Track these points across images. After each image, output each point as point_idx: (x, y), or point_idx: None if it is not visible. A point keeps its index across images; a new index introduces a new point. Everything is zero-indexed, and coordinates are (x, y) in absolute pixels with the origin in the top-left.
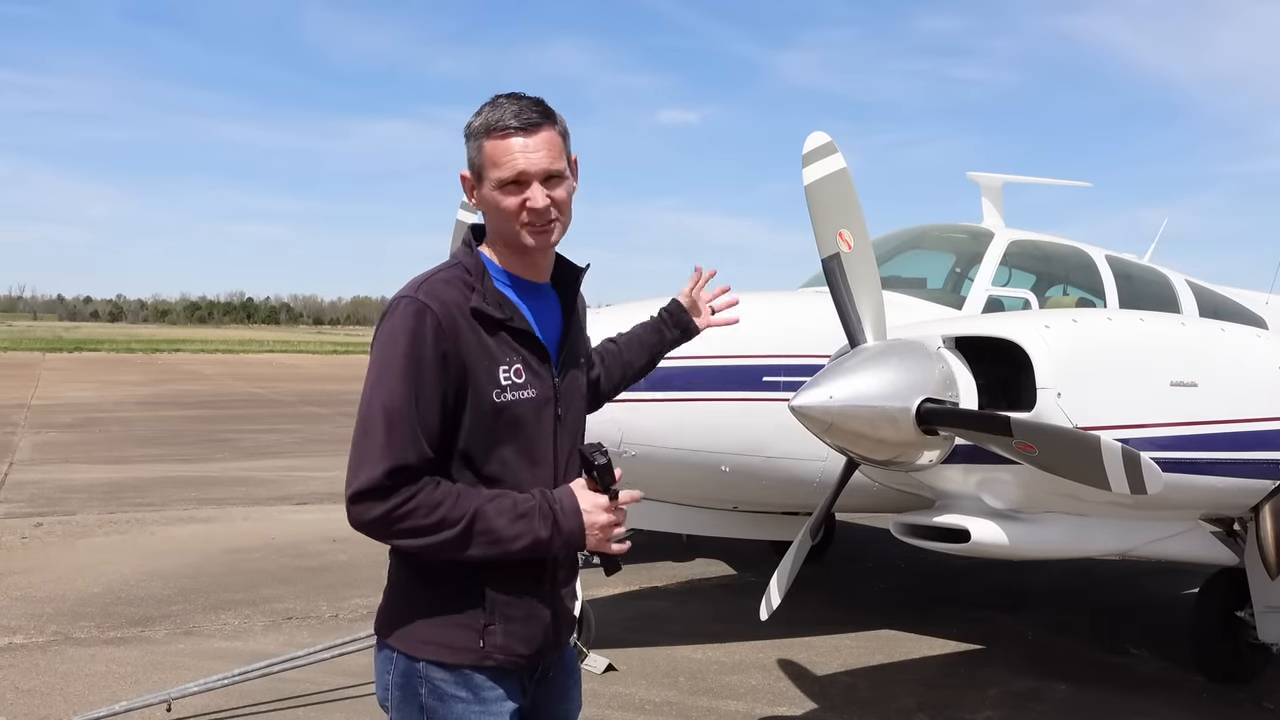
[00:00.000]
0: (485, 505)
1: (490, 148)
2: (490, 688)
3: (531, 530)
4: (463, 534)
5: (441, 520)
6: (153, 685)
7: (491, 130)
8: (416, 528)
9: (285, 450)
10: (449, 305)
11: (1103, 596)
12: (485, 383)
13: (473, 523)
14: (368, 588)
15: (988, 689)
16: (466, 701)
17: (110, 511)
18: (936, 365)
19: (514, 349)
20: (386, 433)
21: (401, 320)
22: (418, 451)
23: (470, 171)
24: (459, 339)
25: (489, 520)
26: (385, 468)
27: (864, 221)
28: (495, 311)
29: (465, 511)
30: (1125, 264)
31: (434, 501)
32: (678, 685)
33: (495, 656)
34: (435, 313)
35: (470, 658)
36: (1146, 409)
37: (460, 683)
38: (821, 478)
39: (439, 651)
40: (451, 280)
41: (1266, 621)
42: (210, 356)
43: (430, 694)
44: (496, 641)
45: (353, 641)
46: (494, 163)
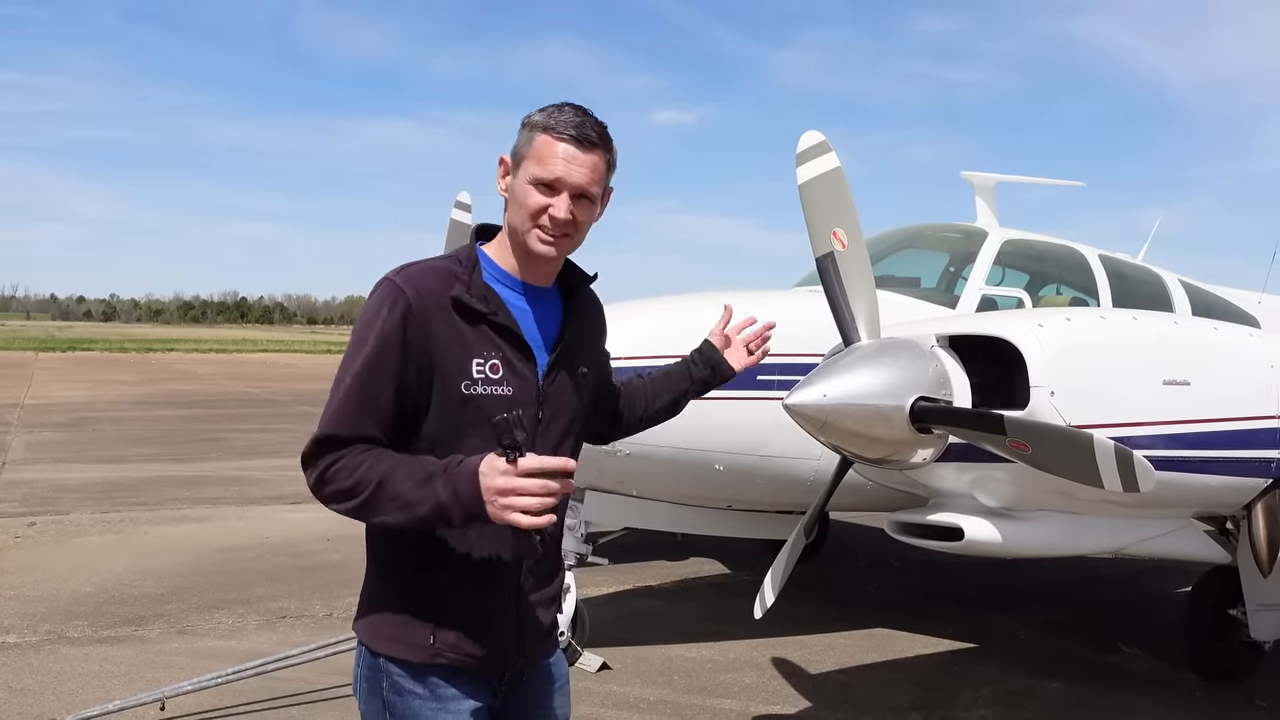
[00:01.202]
0: (396, 469)
1: (541, 143)
2: (444, 686)
3: (433, 494)
4: (373, 496)
5: (357, 483)
6: (146, 684)
7: (549, 129)
8: (337, 491)
9: (279, 449)
10: (424, 292)
11: (1095, 594)
12: (454, 372)
13: (381, 485)
14: (360, 586)
15: (981, 687)
16: (423, 698)
17: (104, 511)
18: (930, 364)
19: (494, 344)
20: (334, 407)
21: (375, 301)
22: (354, 426)
23: (511, 156)
24: (429, 326)
25: (396, 484)
26: (317, 435)
27: (858, 220)
28: (477, 304)
29: (378, 475)
30: (1118, 263)
31: (353, 465)
32: (672, 684)
33: (446, 655)
34: (408, 297)
35: (422, 655)
36: (1139, 407)
37: (417, 679)
38: (815, 476)
39: (395, 647)
40: (438, 269)
41: (1259, 619)
42: (204, 356)
43: (390, 689)
44: (447, 640)
45: (346, 640)
46: (538, 158)
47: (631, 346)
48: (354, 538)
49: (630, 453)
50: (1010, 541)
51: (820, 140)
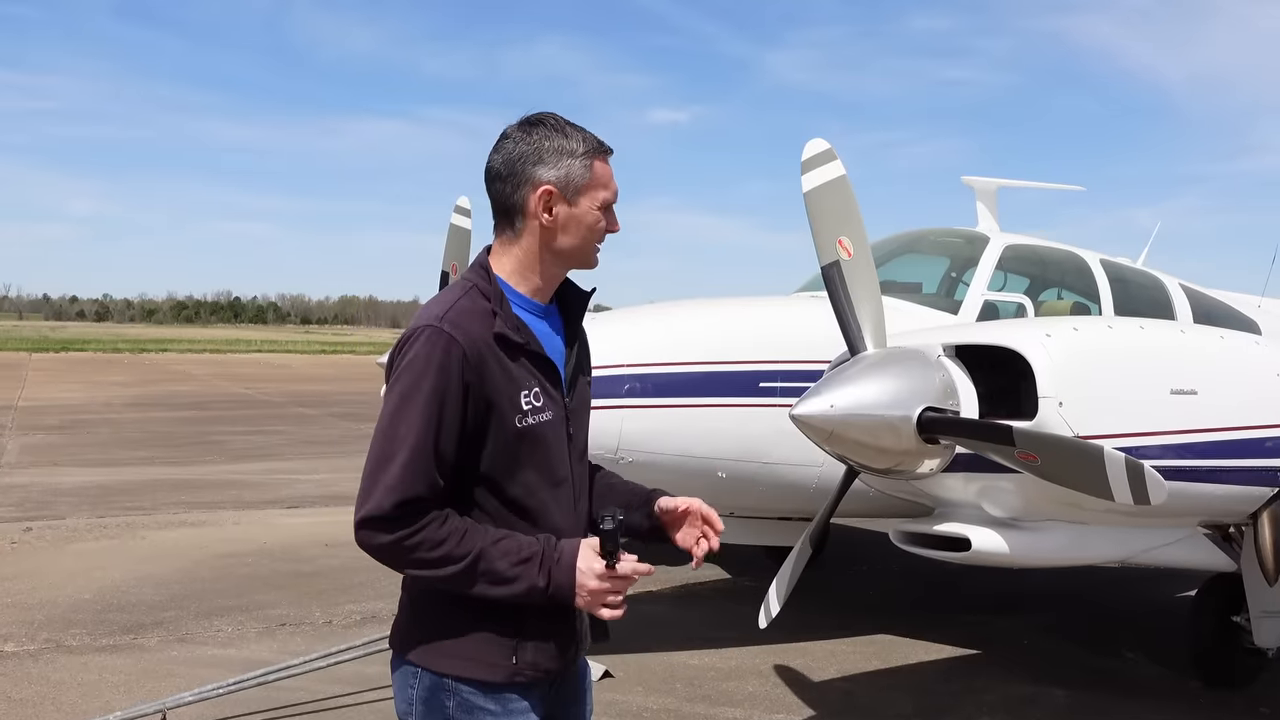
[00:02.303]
0: (489, 546)
1: (600, 169)
2: (517, 700)
3: (529, 576)
4: (465, 571)
5: (445, 556)
6: (146, 694)
7: (599, 151)
8: (421, 560)
9: (275, 452)
10: (475, 337)
11: (1098, 601)
12: (509, 410)
13: (476, 562)
14: (360, 594)
15: (985, 694)
16: (495, 714)
17: (100, 515)
18: (937, 374)
19: (532, 373)
20: (402, 465)
21: (426, 349)
22: (429, 484)
23: (562, 187)
24: (484, 370)
25: (491, 561)
26: (395, 500)
27: (864, 229)
28: (516, 337)
29: (469, 550)
30: (1120, 268)
31: (439, 538)
32: (675, 692)
33: (526, 673)
34: (461, 345)
35: (502, 674)
36: (1147, 417)
37: (489, 697)
38: (818, 483)
39: (469, 668)
40: (476, 310)
41: (1262, 626)
42: (198, 356)
43: (458, 707)
44: (528, 658)
45: (349, 650)
46: (603, 184)
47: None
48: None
49: (634, 460)
50: (1017, 552)
51: (826, 148)
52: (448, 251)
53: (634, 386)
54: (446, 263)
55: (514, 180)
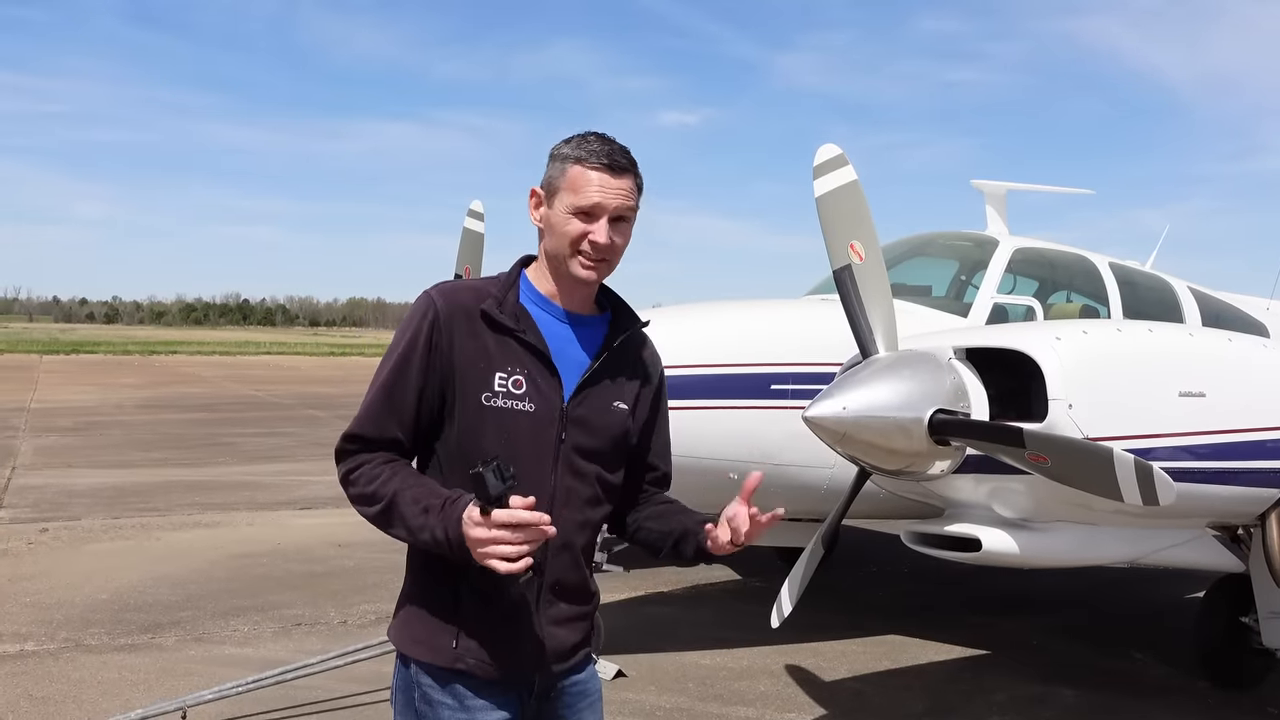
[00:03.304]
0: (404, 491)
1: (575, 173)
2: (471, 697)
3: (429, 527)
4: (385, 511)
5: (372, 494)
6: (165, 692)
7: (581, 160)
8: (357, 495)
9: (287, 454)
10: (455, 304)
11: (1106, 601)
12: (475, 383)
13: (392, 504)
14: (374, 594)
15: (994, 694)
16: (453, 709)
17: (115, 516)
18: (948, 376)
19: (519, 360)
20: (363, 407)
21: (411, 311)
22: (378, 427)
23: (544, 189)
24: (454, 336)
25: (402, 506)
26: (344, 433)
27: (875, 233)
28: (505, 320)
29: (389, 492)
30: (1129, 271)
31: (372, 475)
32: (687, 691)
33: (467, 660)
34: (437, 308)
35: (445, 658)
36: (1156, 419)
37: (445, 689)
38: (829, 485)
39: (421, 650)
40: (474, 286)
41: (1271, 627)
42: (207, 359)
43: (421, 699)
44: (469, 646)
45: (365, 649)
46: (574, 188)
47: None
48: (366, 544)
49: None
50: (1028, 552)
51: (838, 154)
52: (461, 255)
53: None
54: (459, 266)
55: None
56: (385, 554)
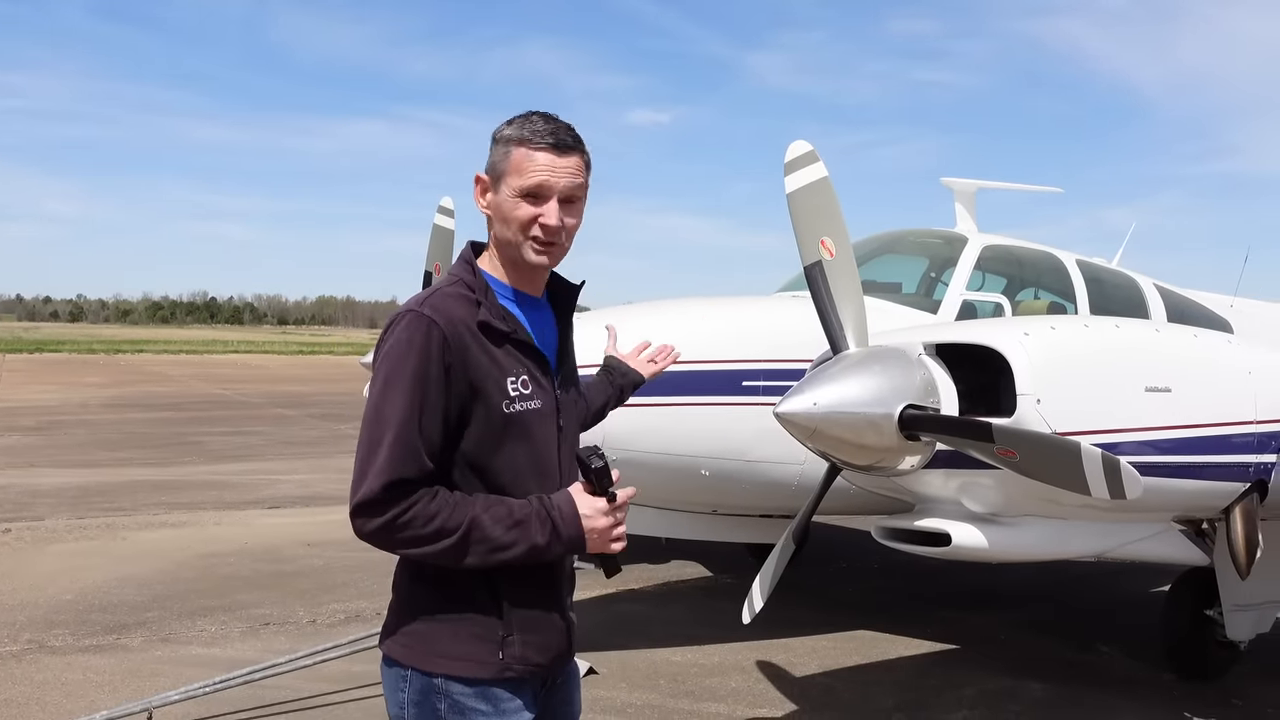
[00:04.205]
0: (481, 514)
1: (518, 155)
2: (509, 699)
3: (528, 537)
4: (460, 542)
5: (439, 530)
6: (131, 693)
7: (524, 140)
8: (415, 537)
9: (255, 453)
10: (455, 320)
11: (1074, 596)
12: (495, 394)
13: (469, 532)
14: (343, 593)
15: (963, 689)
16: (487, 714)
17: (80, 516)
18: (918, 372)
19: (520, 361)
20: (389, 447)
21: (407, 334)
22: (418, 466)
23: (489, 174)
24: (466, 354)
25: (485, 529)
26: (384, 481)
27: (846, 230)
28: (501, 325)
29: (462, 520)
30: (1095, 268)
31: (431, 513)
32: (658, 688)
33: (515, 668)
34: (441, 328)
35: (490, 671)
36: (1123, 414)
37: (480, 696)
38: (800, 481)
39: (457, 666)
40: (458, 296)
41: (1235, 620)
42: (174, 357)
43: (450, 709)
44: (515, 653)
45: (333, 648)
46: (518, 170)
47: None
48: (335, 543)
49: (617, 458)
50: (997, 546)
51: (808, 150)
52: (431, 251)
53: None
54: (430, 263)
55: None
56: (355, 553)
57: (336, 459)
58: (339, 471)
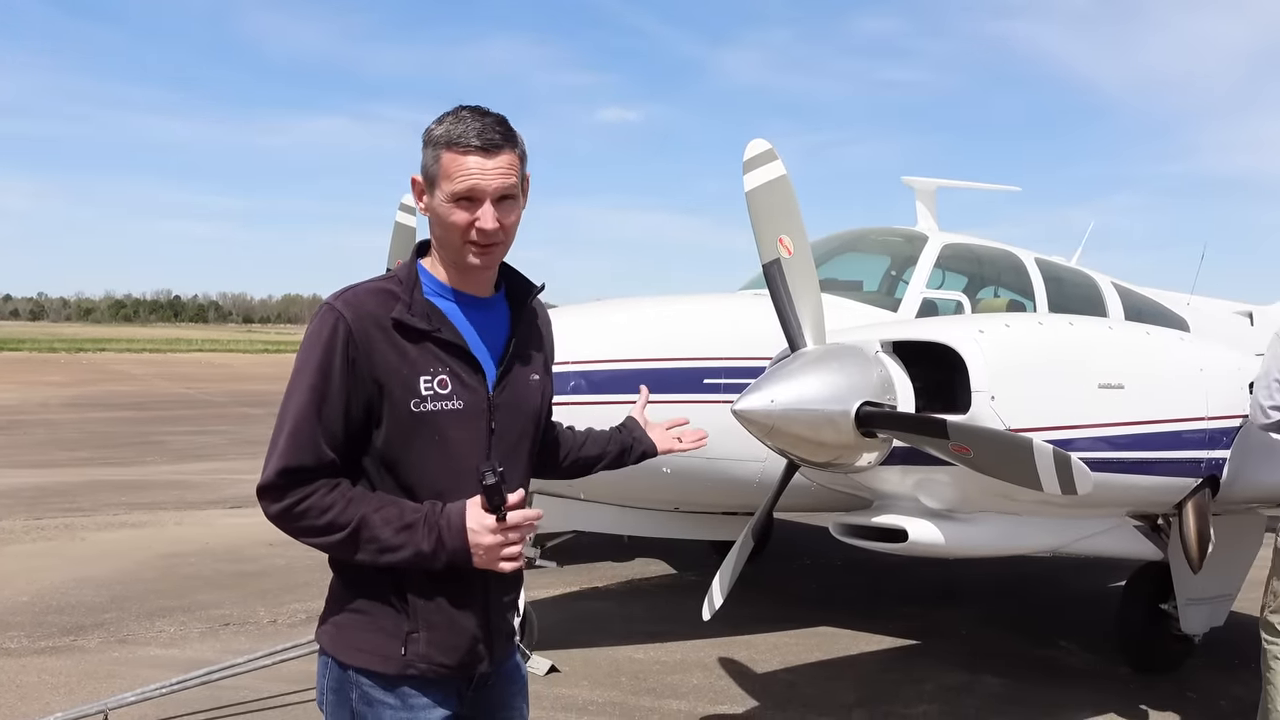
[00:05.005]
0: (372, 514)
1: (447, 160)
2: (415, 695)
3: (414, 543)
4: (349, 539)
5: (330, 524)
6: (87, 695)
7: (452, 143)
8: (310, 527)
9: (218, 452)
10: (364, 315)
11: (1033, 591)
12: (401, 392)
13: (359, 529)
14: (305, 593)
15: (923, 683)
16: (395, 708)
17: (37, 517)
18: (875, 369)
19: (440, 360)
20: (288, 436)
21: (316, 326)
22: (315, 455)
23: (423, 177)
24: (371, 348)
25: (374, 529)
26: (278, 468)
27: (804, 228)
28: (419, 323)
29: (352, 518)
30: (1054, 267)
31: (325, 505)
32: (620, 685)
33: (418, 665)
34: (348, 321)
35: (393, 666)
36: (1076, 411)
37: (388, 689)
38: (761, 478)
39: (365, 659)
40: (377, 291)
41: (1189, 613)
42: (137, 356)
43: (360, 699)
44: (419, 650)
45: (293, 648)
46: (448, 175)
47: (574, 353)
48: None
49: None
50: (953, 542)
51: (766, 148)
52: (393, 249)
53: (578, 384)
54: (391, 260)
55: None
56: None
57: None
58: None
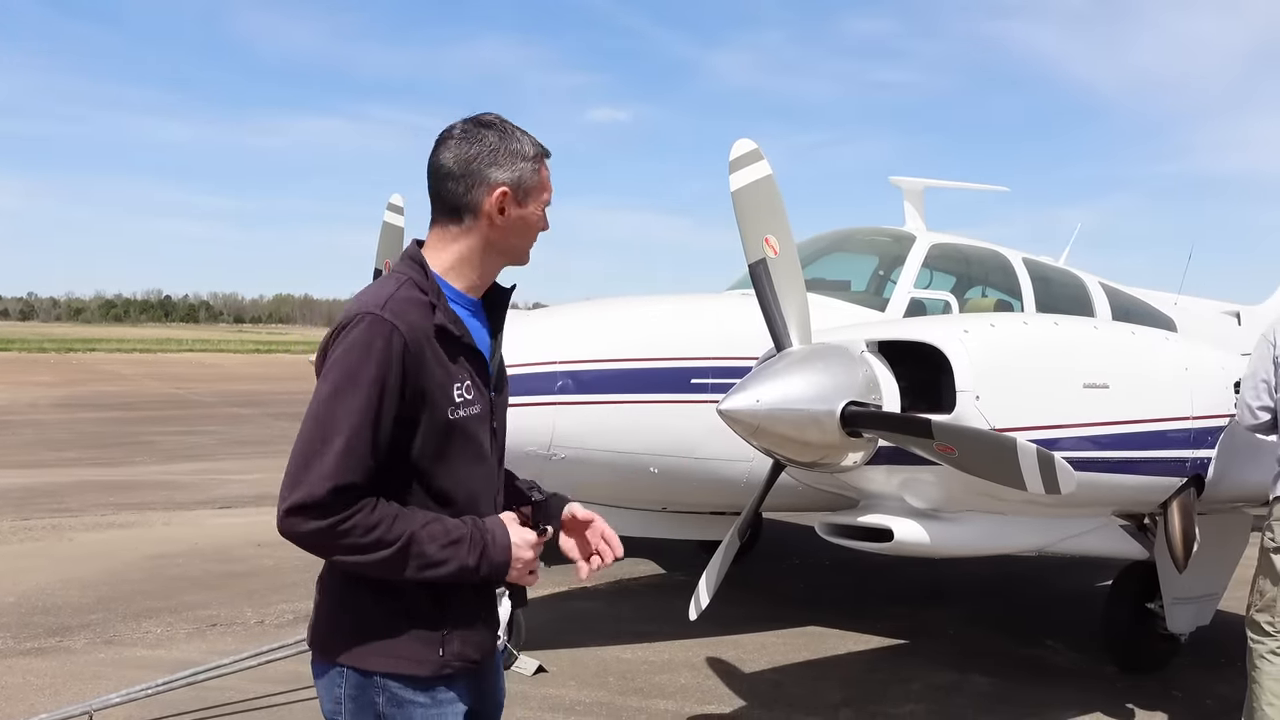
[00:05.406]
0: (419, 530)
1: (544, 172)
2: (444, 691)
3: (459, 557)
4: (396, 556)
5: (377, 541)
6: (72, 696)
7: (544, 155)
8: (354, 545)
9: (207, 452)
10: (415, 327)
11: (1020, 591)
12: (442, 401)
13: (407, 546)
14: (293, 593)
15: (910, 683)
16: (425, 705)
17: (25, 518)
18: (860, 369)
19: (465, 367)
20: (340, 453)
21: (368, 337)
22: (365, 472)
23: (517, 189)
24: (422, 361)
25: (422, 545)
26: (331, 485)
27: (789, 227)
28: (454, 330)
29: (400, 534)
30: (1042, 266)
31: (371, 523)
32: (608, 685)
33: (453, 664)
34: (403, 333)
35: (429, 668)
36: (1061, 410)
37: (419, 689)
38: (749, 478)
39: (398, 664)
40: (412, 300)
41: (1175, 613)
42: (127, 356)
43: (388, 702)
44: (454, 650)
45: (280, 648)
46: (544, 185)
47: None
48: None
49: (566, 456)
50: (938, 542)
51: (752, 148)
52: (380, 249)
53: (566, 383)
54: (380, 260)
55: (468, 180)
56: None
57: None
58: None
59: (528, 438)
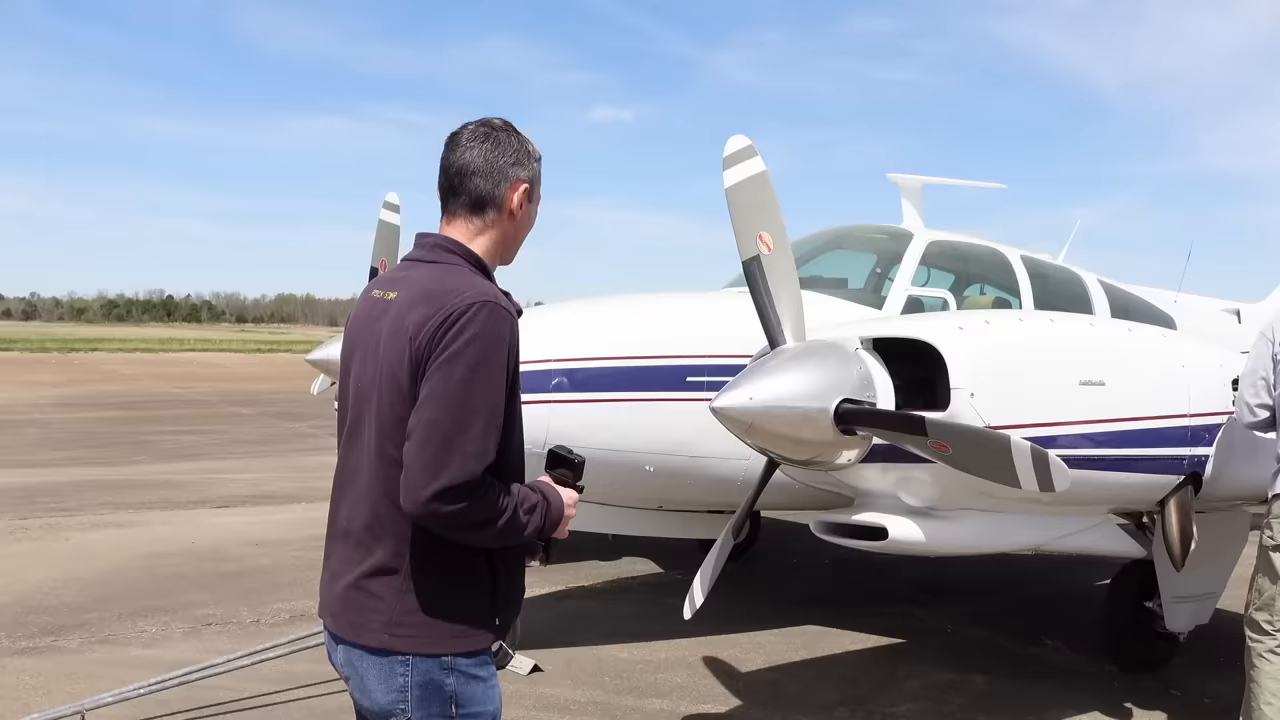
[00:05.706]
0: (512, 500)
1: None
2: (490, 664)
3: (534, 523)
4: (508, 524)
5: (501, 510)
6: (66, 696)
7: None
8: (484, 520)
9: (206, 452)
10: (515, 314)
11: (1018, 589)
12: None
13: (515, 513)
14: (290, 592)
15: (908, 682)
16: (486, 679)
17: (22, 517)
18: (854, 366)
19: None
20: (484, 434)
21: (494, 327)
22: (497, 451)
23: (533, 185)
24: (517, 347)
25: (518, 512)
26: (483, 465)
27: (783, 225)
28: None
29: (508, 505)
30: (1040, 264)
31: (495, 496)
32: (603, 685)
33: (500, 631)
34: (515, 321)
35: (488, 640)
36: (1057, 408)
37: (480, 664)
38: (745, 476)
39: (461, 643)
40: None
41: (1174, 611)
42: (129, 356)
43: (459, 681)
44: (505, 618)
45: (275, 647)
46: (541, 185)
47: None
48: (283, 542)
49: None
50: (933, 540)
51: (746, 145)
52: (377, 248)
53: (562, 381)
54: (375, 258)
55: (495, 176)
56: (302, 552)
57: (290, 457)
58: (291, 470)
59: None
